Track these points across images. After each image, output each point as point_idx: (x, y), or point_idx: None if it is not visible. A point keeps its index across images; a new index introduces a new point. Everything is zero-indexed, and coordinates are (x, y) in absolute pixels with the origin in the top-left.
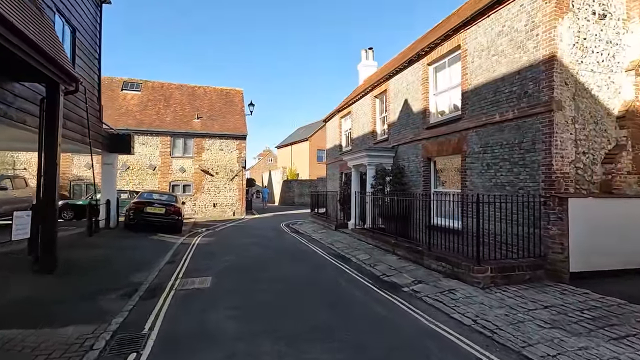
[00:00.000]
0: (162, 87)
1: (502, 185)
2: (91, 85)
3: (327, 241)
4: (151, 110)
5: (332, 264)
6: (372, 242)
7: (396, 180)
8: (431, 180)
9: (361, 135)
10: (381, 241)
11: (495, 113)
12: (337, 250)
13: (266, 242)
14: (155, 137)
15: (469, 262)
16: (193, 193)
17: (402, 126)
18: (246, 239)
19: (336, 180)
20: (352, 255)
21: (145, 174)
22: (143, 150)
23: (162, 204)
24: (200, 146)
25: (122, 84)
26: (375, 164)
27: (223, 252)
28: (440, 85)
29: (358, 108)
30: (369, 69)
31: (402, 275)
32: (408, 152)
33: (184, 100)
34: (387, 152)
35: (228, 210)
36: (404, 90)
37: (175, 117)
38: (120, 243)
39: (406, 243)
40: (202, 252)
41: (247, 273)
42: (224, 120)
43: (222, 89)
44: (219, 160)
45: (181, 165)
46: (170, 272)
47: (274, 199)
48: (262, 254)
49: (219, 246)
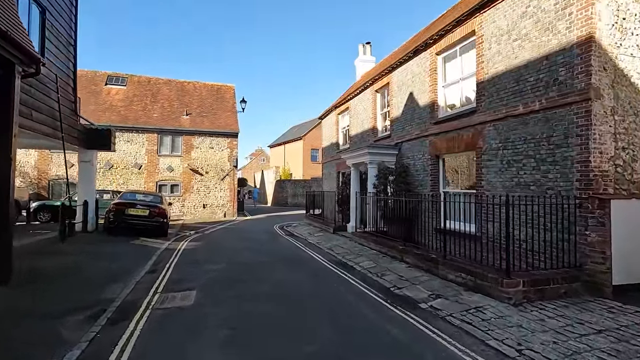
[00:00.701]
0: (149, 82)
1: (525, 185)
2: (65, 74)
3: (325, 246)
4: (137, 105)
5: (333, 272)
6: (376, 248)
7: (400, 180)
8: (440, 180)
9: (360, 132)
10: (386, 246)
11: (518, 104)
12: (338, 256)
13: (259, 247)
14: (141, 134)
15: (495, 274)
16: (182, 193)
17: (407, 122)
18: (237, 243)
19: (333, 180)
20: (354, 262)
21: (130, 173)
22: (128, 148)
23: (145, 205)
24: (189, 144)
25: (106, 78)
26: (377, 162)
27: (211, 258)
28: (450, 76)
29: (357, 103)
30: (367, 64)
31: (416, 288)
32: (413, 149)
33: (172, 96)
34: (390, 150)
35: (218, 212)
36: (408, 83)
37: (162, 113)
38: (97, 249)
39: (416, 249)
40: (188, 259)
41: (238, 285)
42: (215, 117)
43: (213, 84)
44: (209, 159)
45: (169, 164)
46: (150, 285)
47: (266, 199)
48: (255, 260)
49: (207, 252)
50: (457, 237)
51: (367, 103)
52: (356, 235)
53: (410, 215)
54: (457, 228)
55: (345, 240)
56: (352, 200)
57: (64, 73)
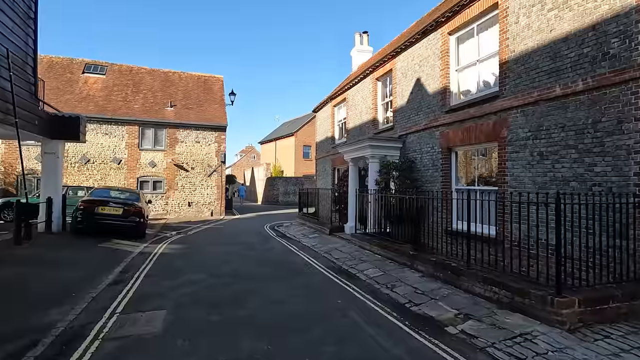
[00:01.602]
0: (130, 71)
1: (564, 181)
2: (22, 51)
3: (322, 249)
4: (117, 96)
5: (334, 283)
6: (380, 252)
7: (405, 176)
8: (452, 176)
9: (359, 125)
10: (391, 251)
11: (555, 85)
12: (337, 262)
13: (248, 251)
14: (121, 127)
15: (540, 289)
16: (165, 190)
17: (413, 111)
18: (223, 247)
19: (328, 176)
20: (358, 269)
21: (108, 168)
22: (106, 141)
23: (119, 203)
24: (173, 137)
25: (83, 66)
26: (379, 156)
27: (191, 266)
28: (465, 58)
29: (355, 93)
30: (364, 54)
31: (438, 305)
32: (421, 141)
33: (155, 86)
34: (393, 143)
35: (205, 210)
36: (415, 69)
37: (145, 105)
38: (57, 254)
39: (430, 255)
40: (163, 266)
41: (221, 305)
42: (202, 110)
43: (200, 75)
44: (195, 153)
45: (151, 158)
46: (109, 302)
47: (256, 197)
48: (243, 269)
49: (187, 257)
50: (472, 240)
51: (366, 93)
52: (356, 238)
53: (417, 215)
54: (472, 230)
55: (344, 243)
56: (351, 199)
57: (20, 50)
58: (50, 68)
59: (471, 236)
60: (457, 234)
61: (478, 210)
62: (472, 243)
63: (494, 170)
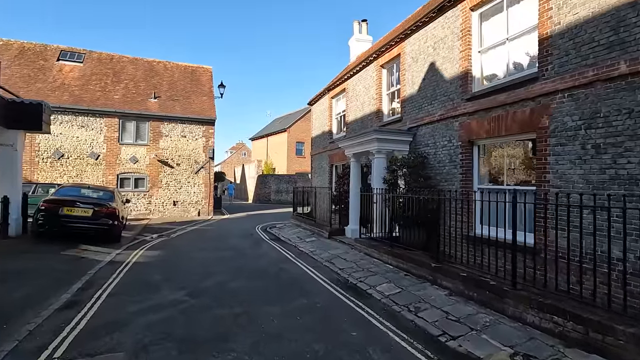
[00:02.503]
0: (111, 60)
1: (631, 179)
2: None
3: (322, 257)
4: (95, 85)
5: (343, 305)
6: (392, 262)
7: (416, 173)
8: (474, 173)
9: (360, 118)
10: (406, 260)
11: (617, 62)
12: (342, 273)
13: (237, 259)
14: (98, 119)
15: (630, 326)
16: (148, 188)
17: (426, 100)
18: (209, 253)
19: (325, 174)
20: (369, 285)
21: (85, 164)
22: (82, 134)
23: (88, 203)
24: (157, 131)
25: (58, 53)
26: (385, 151)
27: (168, 279)
28: (491, 37)
29: (356, 83)
30: (363, 44)
31: (481, 338)
32: (435, 134)
33: (138, 76)
34: (402, 136)
35: (192, 210)
36: (428, 52)
37: (126, 95)
38: (3, 265)
39: (456, 267)
40: (134, 280)
41: (198, 339)
42: (188, 102)
43: (187, 65)
44: (180, 149)
45: (132, 154)
46: (49, 338)
47: (247, 195)
48: (230, 284)
49: (165, 267)
50: (499, 248)
51: (369, 82)
52: (361, 243)
53: (430, 218)
54: (499, 236)
55: (347, 249)
56: (352, 199)
57: None
58: (21, 54)
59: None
60: (480, 240)
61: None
62: (500, 252)
63: (529, 166)
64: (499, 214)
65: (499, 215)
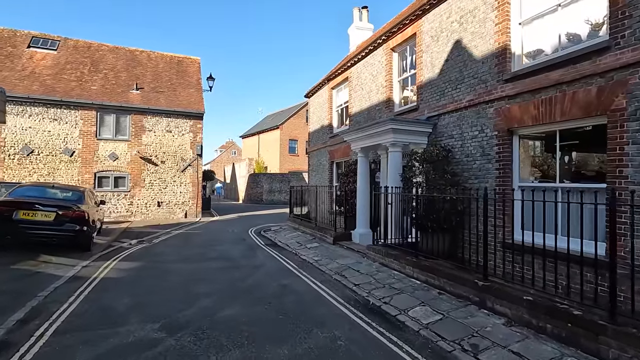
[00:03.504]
0: (89, 48)
1: None
2: None
3: (330, 268)
4: (70, 75)
5: (370, 339)
6: (419, 276)
7: (441, 169)
8: (514, 168)
9: (366, 108)
10: (437, 274)
11: None
12: (359, 290)
13: (228, 272)
14: (73, 111)
15: None
16: (129, 188)
17: (450, 84)
18: (194, 264)
19: (324, 171)
20: (396, 307)
21: (58, 161)
22: (55, 128)
23: (51, 205)
24: (139, 125)
25: (30, 39)
26: (402, 144)
27: (140, 305)
28: (534, 6)
29: (361, 71)
30: (363, 32)
31: None
32: (462, 123)
33: (119, 66)
34: (421, 126)
35: (178, 211)
36: (453, 27)
37: (105, 86)
38: None
39: (511, 288)
40: (95, 307)
41: None
42: (174, 94)
43: (173, 55)
44: (165, 145)
45: (112, 150)
46: None
47: (237, 195)
48: (220, 312)
49: (139, 285)
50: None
51: (377, 68)
52: (375, 251)
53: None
54: (548, 244)
55: (358, 258)
56: (361, 199)
57: None
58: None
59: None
60: (522, 249)
61: (559, 217)
62: (551, 263)
63: (594, 158)
64: (548, 216)
65: (548, 218)
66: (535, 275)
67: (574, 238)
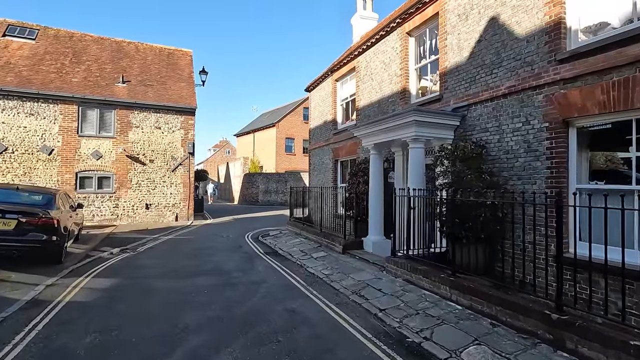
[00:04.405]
0: (71, 38)
1: None
2: None
3: (344, 285)
4: (49, 66)
5: None
6: (460, 299)
7: (477, 168)
8: (570, 166)
9: (377, 101)
10: (484, 298)
11: None
12: (387, 319)
13: (222, 293)
14: (52, 105)
15: None
16: (114, 189)
17: (483, 69)
18: (182, 281)
19: (327, 171)
20: (443, 346)
21: (35, 159)
22: (32, 123)
23: (10, 211)
24: (125, 121)
25: (5, 27)
26: (424, 138)
27: (106, 345)
28: None
29: (371, 59)
30: (368, 22)
31: None
32: (500, 114)
33: (104, 57)
34: (447, 118)
35: (168, 214)
36: (487, 3)
37: (88, 79)
38: None
39: (600, 327)
40: (47, 352)
41: None
42: (164, 88)
43: (163, 47)
44: (154, 142)
45: (95, 148)
46: None
47: (232, 196)
48: (213, 355)
49: (110, 314)
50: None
51: (390, 55)
52: (396, 264)
53: (500, 230)
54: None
55: (375, 272)
56: (373, 202)
57: None
58: None
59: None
60: (582, 264)
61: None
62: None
63: None
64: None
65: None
66: (608, 300)
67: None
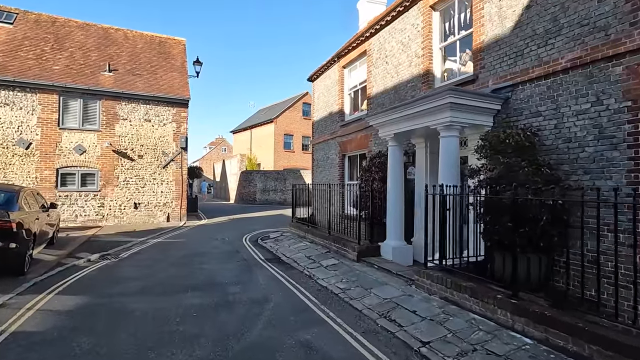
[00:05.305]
0: (53, 23)
1: None
2: None
3: (367, 303)
4: (28, 52)
5: None
6: (531, 329)
7: (534, 160)
8: None
9: (393, 87)
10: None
11: None
12: (434, 358)
13: (215, 317)
14: (30, 94)
15: None
16: (100, 187)
17: (533, 41)
18: (165, 299)
19: (333, 167)
20: None
21: (10, 154)
22: (7, 114)
23: None
24: (112, 113)
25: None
26: (459, 125)
27: None
28: None
29: (385, 39)
30: (375, 6)
31: None
32: (558, 95)
33: (89, 44)
34: (487, 101)
35: (159, 214)
36: None
37: (70, 66)
38: None
39: None
40: None
41: None
42: (154, 77)
43: (154, 35)
44: (143, 136)
45: (78, 142)
46: None
47: (228, 194)
48: None
49: (61, 353)
50: None
51: (410, 33)
52: (431, 278)
53: (562, 237)
54: None
55: (403, 287)
56: (393, 201)
57: None
58: None
59: None
60: None
61: None
62: None
63: None
64: None
65: None
66: None
67: None
